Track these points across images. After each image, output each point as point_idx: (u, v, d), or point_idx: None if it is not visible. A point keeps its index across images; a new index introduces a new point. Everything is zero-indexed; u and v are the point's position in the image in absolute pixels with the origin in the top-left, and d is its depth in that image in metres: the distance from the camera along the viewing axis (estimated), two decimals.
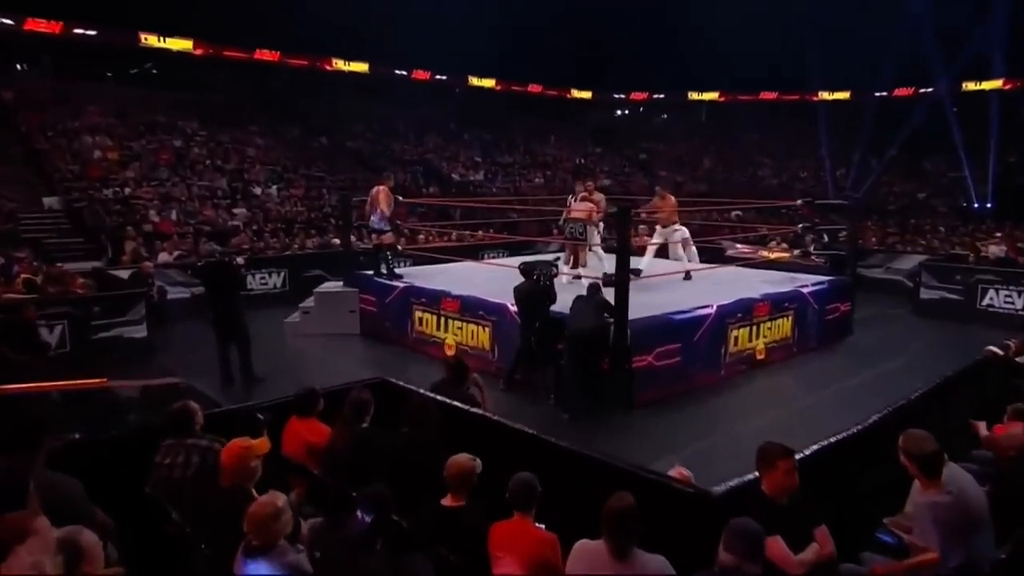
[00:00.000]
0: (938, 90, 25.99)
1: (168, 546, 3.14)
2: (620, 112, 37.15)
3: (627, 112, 37.14)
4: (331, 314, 9.76)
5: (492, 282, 8.60)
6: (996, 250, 12.63)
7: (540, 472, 3.10)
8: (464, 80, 30.31)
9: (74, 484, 2.96)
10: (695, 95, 33.30)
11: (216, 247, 11.83)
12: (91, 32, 21.68)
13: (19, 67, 22.55)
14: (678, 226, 9.63)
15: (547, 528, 3.06)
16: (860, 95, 28.83)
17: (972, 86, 26.20)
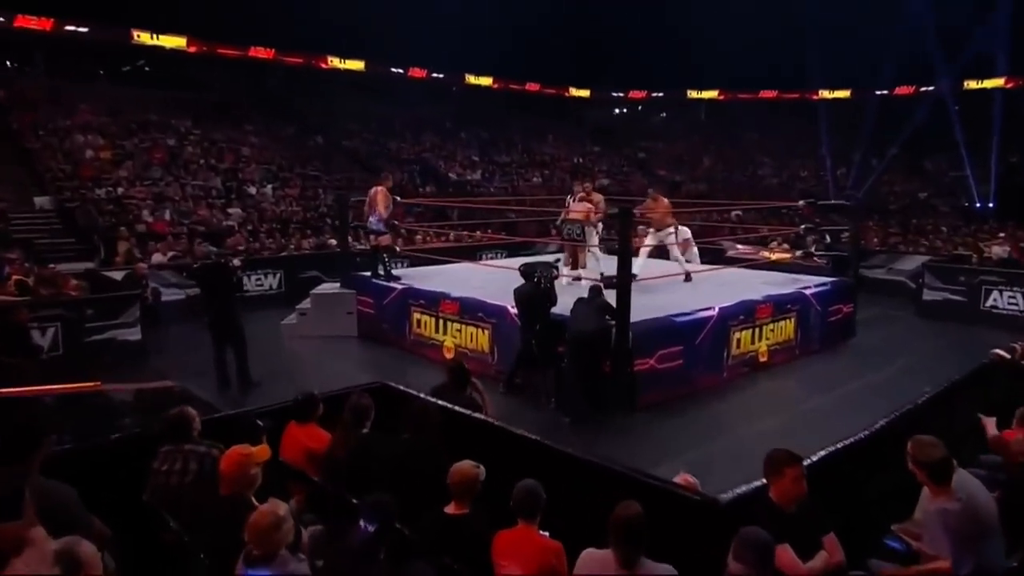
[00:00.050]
0: (939, 88, 25.95)
1: (166, 555, 3.09)
2: (618, 111, 37.07)
3: (625, 111, 37.07)
4: (328, 316, 9.70)
5: (491, 284, 8.57)
6: (999, 251, 12.59)
7: (544, 479, 3.07)
8: (461, 78, 30.21)
9: (70, 492, 2.89)
10: (694, 93, 33.21)
11: (212, 248, 11.69)
12: (83, 29, 21.51)
13: (9, 65, 22.35)
14: (672, 229, 9.48)
15: (551, 536, 3.02)
16: (861, 93, 28.83)
17: (974, 84, 26.15)
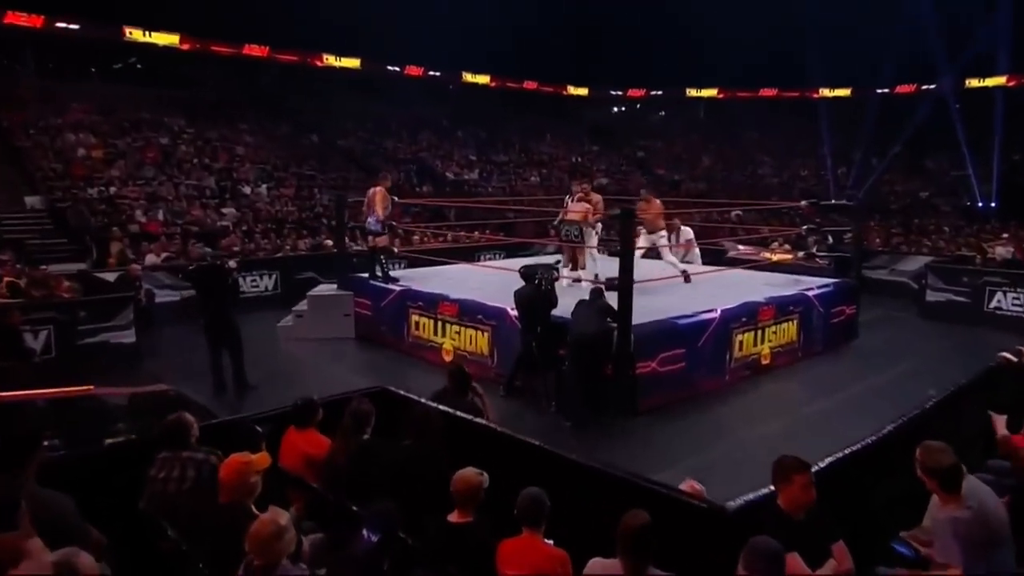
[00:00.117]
0: (941, 87, 25.95)
1: (164, 564, 3.04)
2: (617, 109, 37.03)
3: (624, 109, 37.02)
4: (325, 318, 9.61)
5: (490, 285, 8.51)
6: (1003, 251, 12.55)
7: (548, 486, 3.03)
8: (458, 76, 30.11)
9: (66, 501, 2.85)
10: (693, 92, 33.19)
11: (207, 250, 11.62)
12: (74, 26, 21.35)
13: None
14: (664, 232, 9.32)
15: (556, 543, 2.99)
16: (861, 92, 28.83)
17: (975, 83, 26.10)
